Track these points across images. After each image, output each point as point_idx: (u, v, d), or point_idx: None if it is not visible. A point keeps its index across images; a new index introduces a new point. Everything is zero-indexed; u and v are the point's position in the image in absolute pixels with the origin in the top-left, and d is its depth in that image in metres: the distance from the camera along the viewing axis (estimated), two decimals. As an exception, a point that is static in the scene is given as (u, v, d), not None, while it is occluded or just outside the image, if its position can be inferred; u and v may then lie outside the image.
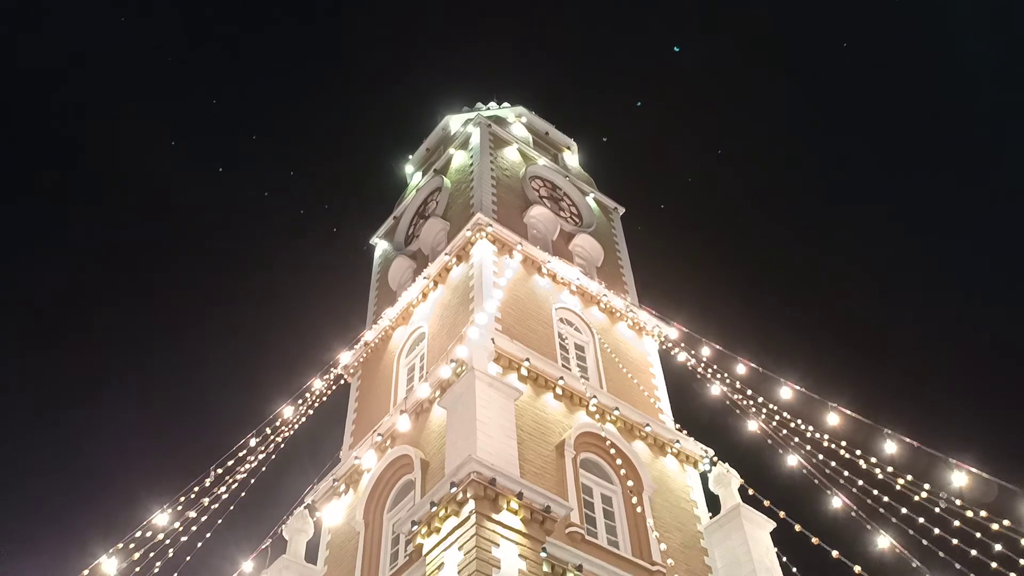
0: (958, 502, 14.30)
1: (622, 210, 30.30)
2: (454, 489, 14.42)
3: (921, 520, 15.17)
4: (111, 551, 14.64)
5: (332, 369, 23.78)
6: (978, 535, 14.23)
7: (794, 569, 18.23)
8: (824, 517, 16.12)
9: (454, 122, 32.57)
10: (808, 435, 18.40)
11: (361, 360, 24.73)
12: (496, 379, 17.47)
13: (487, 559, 13.66)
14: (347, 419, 23.45)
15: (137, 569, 15.14)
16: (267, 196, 67.41)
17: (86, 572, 13.70)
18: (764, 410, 19.83)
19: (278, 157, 68.15)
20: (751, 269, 59.89)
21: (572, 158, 32.79)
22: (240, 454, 19.21)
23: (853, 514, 15.55)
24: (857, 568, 13.64)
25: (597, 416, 19.45)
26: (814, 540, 14.69)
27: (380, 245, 29.97)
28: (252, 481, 19.26)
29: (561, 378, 19.73)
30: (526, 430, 17.76)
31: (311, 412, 22.20)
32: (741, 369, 20.51)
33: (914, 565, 13.64)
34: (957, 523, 14.56)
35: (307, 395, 22.35)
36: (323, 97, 71.70)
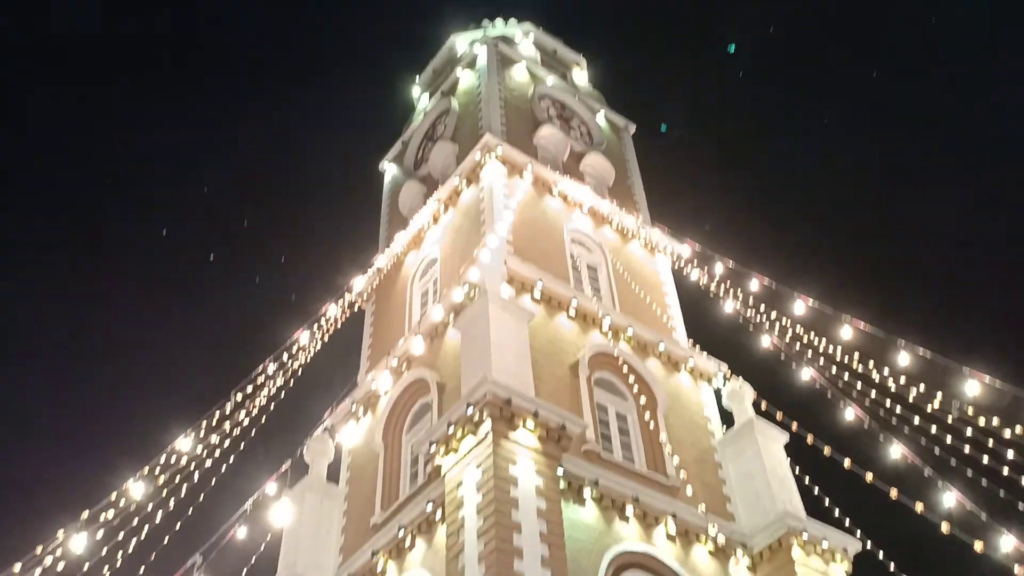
0: (970, 410, 14.37)
1: (633, 127, 29.89)
2: (470, 410, 14.62)
3: (933, 429, 15.30)
4: (137, 475, 15.02)
5: (346, 294, 23.89)
6: (990, 442, 14.34)
7: (807, 480, 18.54)
8: (837, 429, 16.28)
9: (460, 42, 31.97)
10: (821, 349, 18.45)
11: (375, 286, 24.83)
12: (509, 301, 17.53)
13: (504, 476, 13.92)
14: (363, 344, 23.66)
15: (164, 493, 15.55)
16: (272, 117, 66.82)
17: (115, 495, 14.09)
18: (778, 324, 19.86)
19: (280, 78, 67.33)
20: (762, 184, 59.31)
21: (581, 75, 32.22)
22: (259, 381, 19.48)
23: (866, 426, 15.70)
24: (869, 476, 13.80)
25: (610, 336, 19.55)
26: (826, 450, 14.83)
27: (389, 170, 29.77)
28: (272, 407, 19.58)
29: (574, 299, 19.77)
30: (540, 351, 17.89)
31: (327, 339, 22.40)
32: (754, 285, 20.46)
33: (926, 474, 13.82)
34: (969, 431, 14.68)
35: (322, 321, 22.52)
36: (325, 16, 70.43)
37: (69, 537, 12.83)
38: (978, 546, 12.05)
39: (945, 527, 12.57)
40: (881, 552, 16.68)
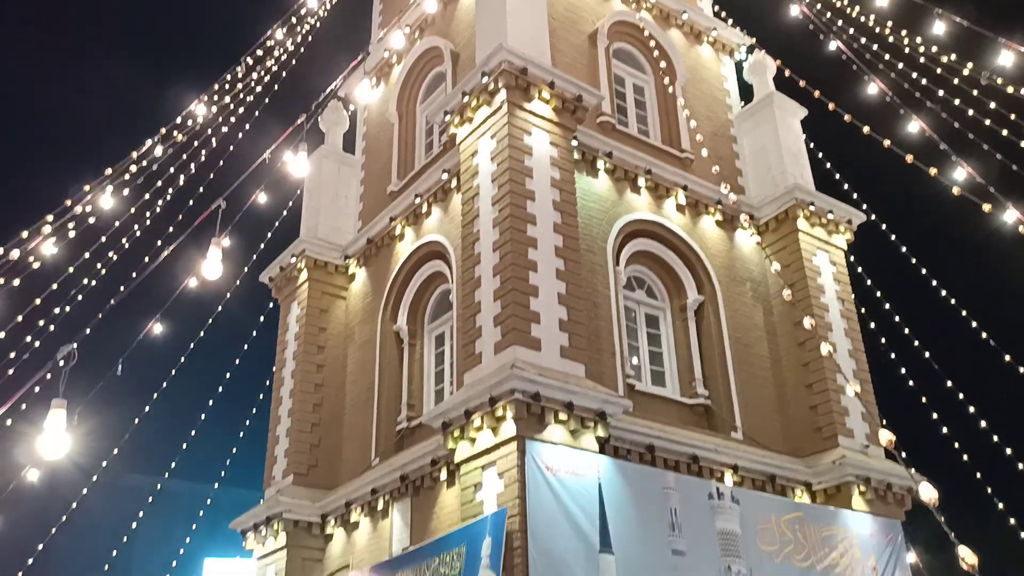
0: (999, 80, 13.96)
1: None
2: (485, 79, 14.37)
3: (957, 101, 14.99)
4: (156, 137, 15.16)
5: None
6: (1012, 116, 14.12)
7: (820, 155, 18.63)
8: (859, 103, 15.94)
9: None
10: (852, 17, 17.57)
11: (383, -54, 23.31)
12: (526, -37, 16.50)
13: (519, 146, 14.01)
14: (373, 11, 22.73)
15: (184, 156, 15.80)
16: None
17: (135, 154, 14.33)
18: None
19: None
20: None
21: None
22: (268, 44, 18.95)
23: (888, 99, 15.39)
24: (887, 142, 13.75)
25: (632, 3, 18.64)
26: (846, 117, 14.65)
27: None
28: (283, 74, 19.23)
29: (595, -38, 18.60)
30: (558, 19, 17.19)
31: (334, 2, 21.44)
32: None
33: (942, 147, 13.76)
34: (993, 104, 14.40)
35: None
36: None
37: (96, 192, 13.25)
38: (985, 207, 12.29)
39: (956, 190, 12.74)
40: (884, 224, 17.17)
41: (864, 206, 17.76)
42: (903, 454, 10.61)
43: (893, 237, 16.71)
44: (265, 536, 16.14)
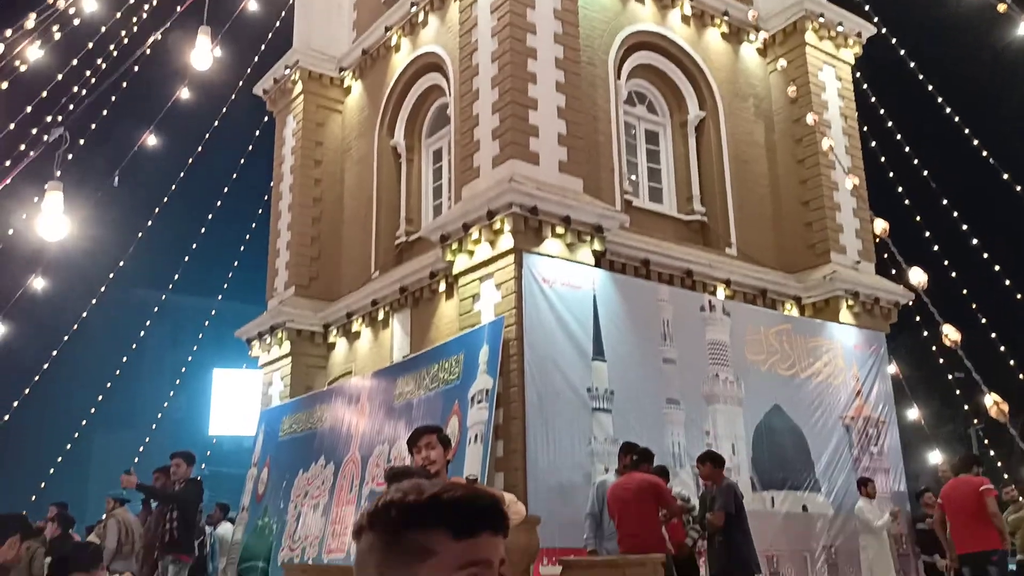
0: None
1: None
2: None
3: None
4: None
5: None
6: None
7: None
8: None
9: None
10: None
11: None
12: None
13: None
14: None
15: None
16: None
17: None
18: None
19: None
20: None
21: None
22: None
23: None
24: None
25: None
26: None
27: None
28: None
29: None
30: None
31: None
32: None
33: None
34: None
35: None
36: None
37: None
38: (1000, 6, 11.88)
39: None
40: (894, 38, 16.66)
41: (875, 19, 17.18)
42: (898, 259, 10.80)
43: (902, 52, 16.26)
44: (270, 344, 16.68)
